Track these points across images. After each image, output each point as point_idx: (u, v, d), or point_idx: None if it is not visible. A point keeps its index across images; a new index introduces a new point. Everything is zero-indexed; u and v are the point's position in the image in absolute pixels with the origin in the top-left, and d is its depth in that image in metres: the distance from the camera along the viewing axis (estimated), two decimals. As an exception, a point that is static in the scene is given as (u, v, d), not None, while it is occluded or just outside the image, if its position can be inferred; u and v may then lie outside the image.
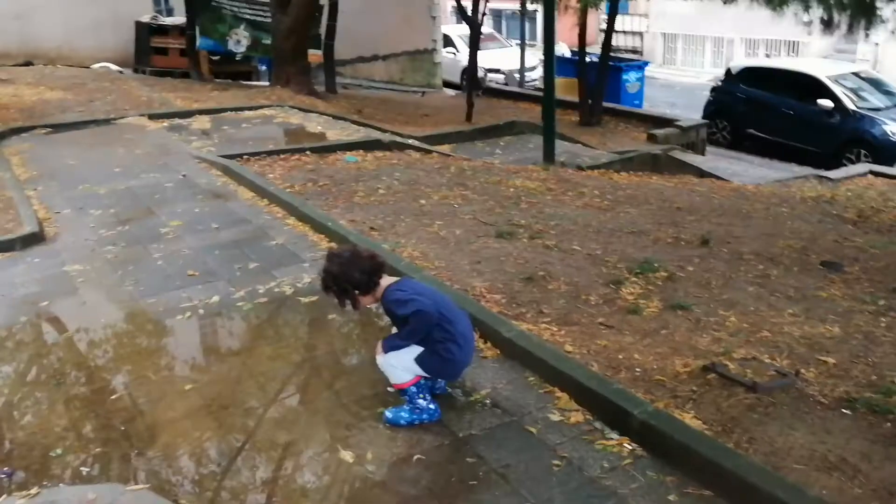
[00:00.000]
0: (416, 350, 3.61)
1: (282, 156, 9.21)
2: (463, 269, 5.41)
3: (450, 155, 10.39)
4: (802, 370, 3.93)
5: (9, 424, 3.81)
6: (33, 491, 3.22)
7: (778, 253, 6.02)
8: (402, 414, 3.70)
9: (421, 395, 3.68)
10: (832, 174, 11.68)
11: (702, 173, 11.38)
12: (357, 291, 3.62)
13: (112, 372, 4.30)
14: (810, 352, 4.18)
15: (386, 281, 3.66)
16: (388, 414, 3.72)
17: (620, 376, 3.92)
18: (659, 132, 14.30)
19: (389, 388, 3.87)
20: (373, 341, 4.36)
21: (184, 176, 8.32)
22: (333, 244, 6.06)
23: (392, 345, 3.65)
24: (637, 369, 3.99)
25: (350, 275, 3.59)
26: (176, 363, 4.40)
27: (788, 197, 9.53)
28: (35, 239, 6.38)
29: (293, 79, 15.51)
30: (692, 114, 16.85)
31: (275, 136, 10.79)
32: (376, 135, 10.67)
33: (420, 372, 3.65)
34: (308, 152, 9.39)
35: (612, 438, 3.49)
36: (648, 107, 18.29)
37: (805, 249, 6.25)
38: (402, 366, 3.65)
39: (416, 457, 3.47)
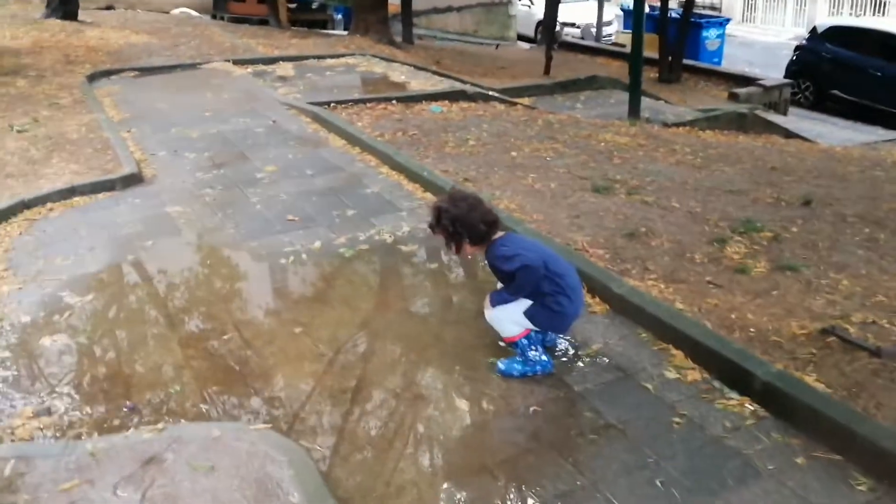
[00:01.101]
0: (525, 303, 3.56)
1: (368, 104, 9.16)
2: (562, 223, 5.32)
3: (534, 108, 10.22)
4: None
5: (127, 361, 3.87)
6: (160, 426, 3.27)
7: (882, 217, 5.79)
8: (515, 365, 3.66)
9: (532, 348, 3.64)
10: (925, 138, 11.21)
11: (788, 134, 11.03)
12: (468, 239, 3.55)
13: (221, 313, 4.33)
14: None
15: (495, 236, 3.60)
16: (501, 365, 3.69)
17: (734, 336, 3.82)
18: (741, 91, 13.90)
19: (501, 343, 3.83)
20: (477, 291, 4.35)
21: (274, 122, 8.33)
22: (429, 194, 6.02)
23: (500, 299, 3.60)
24: (751, 329, 3.88)
25: (471, 221, 3.52)
26: (283, 306, 4.41)
27: (880, 160, 9.15)
28: (135, 180, 6.46)
29: (372, 28, 15.42)
30: (772, 73, 16.31)
31: (359, 85, 10.75)
32: (460, 86, 10.54)
33: (529, 325, 3.60)
34: (394, 101, 9.32)
35: (732, 398, 3.41)
36: (727, 65, 17.74)
37: (912, 214, 6.00)
38: (511, 319, 3.61)
39: (532, 408, 3.44)
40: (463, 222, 3.52)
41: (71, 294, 4.55)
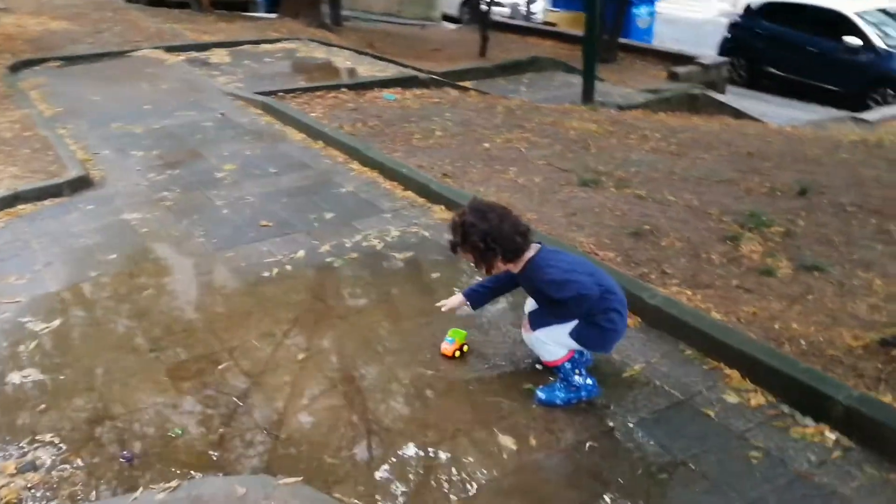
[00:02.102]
0: (571, 323, 3.14)
1: (318, 93, 8.59)
2: (559, 222, 4.92)
3: (488, 93, 9.78)
4: None
5: (113, 400, 3.30)
6: (173, 483, 2.76)
7: (880, 205, 5.57)
8: (558, 393, 3.24)
9: (577, 371, 3.22)
10: (868, 116, 11.20)
11: (738, 114, 10.86)
12: (502, 256, 3.09)
13: (209, 337, 3.78)
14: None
15: (529, 251, 3.15)
16: (542, 394, 3.26)
17: (784, 349, 3.48)
18: (681, 70, 13.72)
19: (538, 366, 3.41)
20: (495, 306, 3.92)
21: (222, 114, 7.69)
22: (410, 193, 5.54)
23: (542, 322, 3.17)
24: (801, 341, 3.55)
25: (504, 234, 3.04)
26: (278, 327, 3.87)
27: (837, 141, 9.05)
28: (83, 183, 5.78)
29: (302, 11, 14.72)
30: (700, 51, 16.20)
31: (302, 72, 10.12)
32: (410, 72, 10.02)
33: (575, 346, 3.18)
34: (344, 89, 8.77)
35: (807, 425, 3.06)
36: (656, 43, 17.59)
37: (904, 200, 5.80)
38: (555, 341, 3.18)
39: (588, 444, 3.02)
40: (495, 237, 3.04)
41: (34, 319, 3.94)
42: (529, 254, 3.12)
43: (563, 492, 2.80)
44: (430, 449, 2.99)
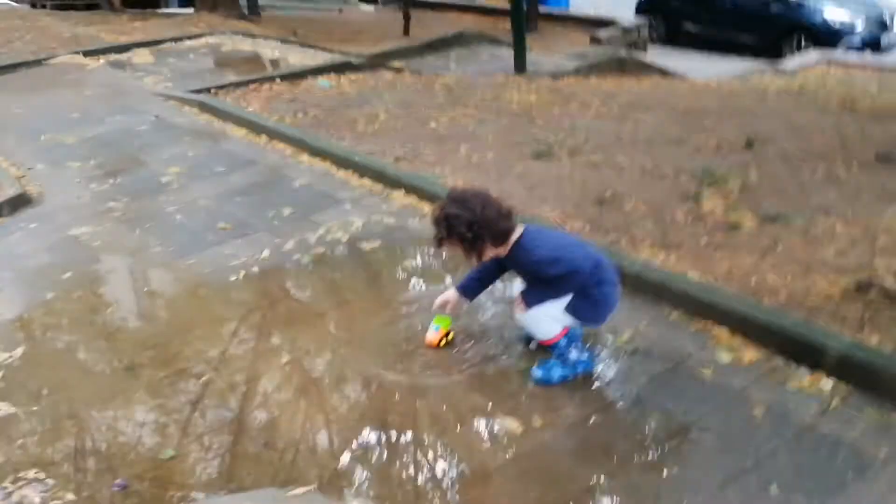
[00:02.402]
0: (565, 298, 3.09)
1: (251, 86, 8.35)
2: (521, 197, 4.86)
3: (421, 72, 9.65)
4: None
5: (94, 426, 3.13)
6: (177, 511, 2.63)
7: (822, 151, 5.68)
8: (555, 370, 3.20)
9: (574, 347, 3.19)
10: (787, 65, 11.45)
11: (664, 73, 10.99)
12: (491, 241, 3.03)
13: (184, 349, 3.61)
14: (949, 257, 3.85)
15: (515, 233, 3.09)
16: (538, 372, 3.21)
17: (765, 301, 3.51)
18: (602, 34, 13.79)
19: (532, 347, 3.37)
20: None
21: (156, 117, 7.40)
22: (367, 181, 5.42)
23: (538, 298, 3.11)
24: (780, 293, 3.58)
25: (489, 219, 2.98)
26: (255, 333, 3.73)
27: (762, 91, 9.21)
28: (22, 201, 5.49)
29: (220, 3, 14.28)
30: (618, 13, 16.28)
31: (231, 66, 9.84)
32: (341, 58, 9.81)
33: (570, 321, 3.14)
34: (278, 80, 8.54)
35: (803, 376, 3.09)
36: (573, 10, 17.64)
37: (844, 145, 5.92)
38: (551, 317, 3.13)
39: (592, 418, 2.99)
40: (481, 224, 2.97)
41: (-5, 350, 3.72)
42: (515, 235, 3.07)
43: (577, 469, 2.76)
44: (437, 440, 2.92)
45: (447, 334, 3.49)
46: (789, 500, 2.54)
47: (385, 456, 2.87)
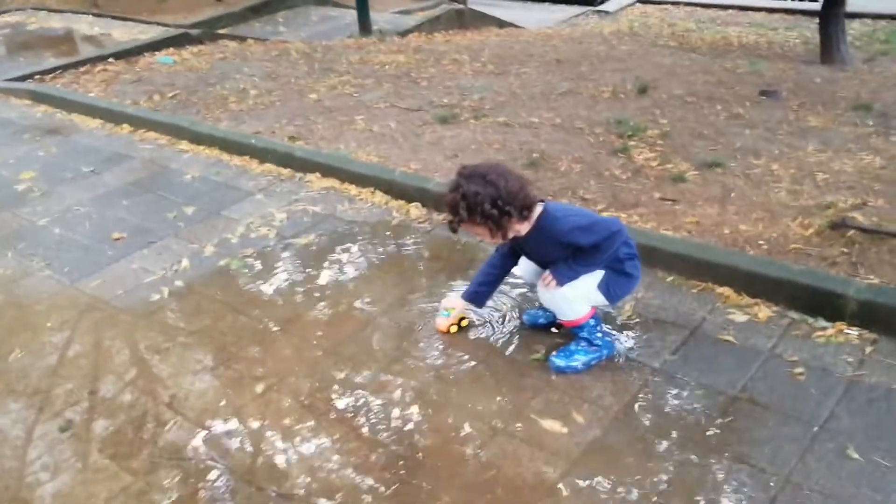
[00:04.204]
0: (598, 274, 2.77)
1: (82, 68, 7.32)
2: (444, 168, 4.47)
3: (266, 40, 8.86)
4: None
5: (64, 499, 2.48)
6: None
7: (710, 91, 5.67)
8: (577, 356, 2.88)
9: (599, 329, 2.88)
10: (608, 7, 11.62)
11: (501, 23, 10.79)
12: (517, 216, 2.62)
13: (133, 393, 2.95)
14: (890, 187, 3.87)
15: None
16: (559, 362, 2.87)
17: (750, 252, 3.35)
18: (425, -12, 13.36)
19: (554, 330, 3.03)
20: (442, 275, 3.45)
21: (-19, 113, 6.26)
22: (271, 165, 4.80)
23: (571, 274, 2.75)
24: (760, 242, 3.44)
25: (514, 192, 2.58)
26: (212, 358, 3.12)
27: (600, 35, 9.26)
28: None
29: (7, -23, 12.48)
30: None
31: (49, 47, 8.63)
32: (174, 31, 8.81)
33: (601, 300, 2.83)
34: (112, 59, 7.53)
35: (825, 327, 2.94)
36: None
37: (722, 83, 5.95)
38: (584, 297, 2.80)
39: (635, 405, 2.70)
40: (506, 198, 2.57)
41: None
42: (538, 208, 2.70)
43: (645, 463, 2.45)
44: (479, 456, 2.52)
45: (459, 321, 3.08)
46: (872, 463, 2.37)
47: (417, 483, 2.43)
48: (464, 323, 3.10)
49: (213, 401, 2.85)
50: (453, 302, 3.07)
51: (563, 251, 2.73)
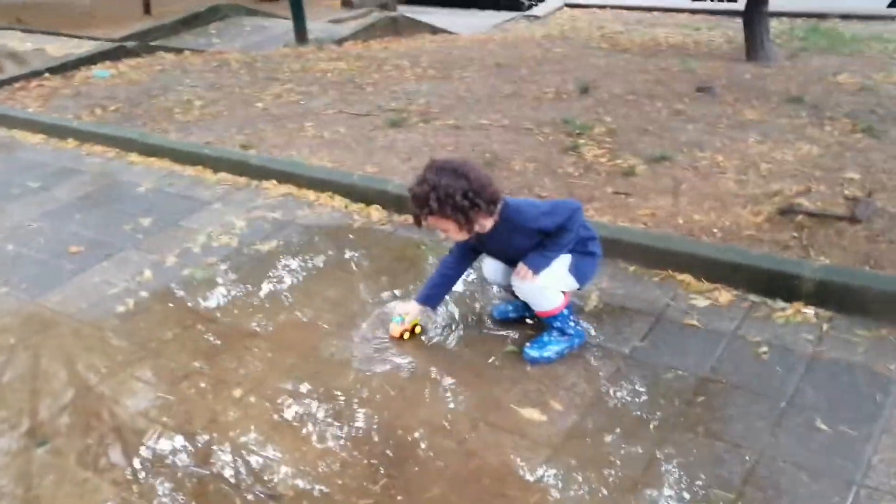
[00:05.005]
0: (566, 258, 2.83)
1: (17, 84, 7.11)
2: (401, 170, 4.48)
3: (203, 51, 8.72)
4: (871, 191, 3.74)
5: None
6: None
7: (649, 89, 5.80)
8: (551, 346, 2.92)
9: (571, 318, 2.93)
10: (537, 12, 11.76)
11: (434, 30, 10.84)
12: (485, 209, 2.65)
13: (110, 407, 2.87)
14: (829, 173, 4.03)
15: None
16: (533, 352, 2.91)
17: (706, 240, 3.46)
18: (354, -4, 13.36)
19: (529, 321, 3.06)
20: (406, 273, 3.47)
21: (-85, 132, 6.00)
22: (227, 174, 4.74)
23: (543, 262, 2.78)
24: (715, 230, 3.55)
25: (483, 184, 2.62)
26: (185, 368, 3.06)
27: (532, 40, 9.37)
28: None
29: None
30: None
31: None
32: (109, 44, 8.59)
33: (573, 283, 2.88)
34: (47, 74, 7.33)
35: (784, 308, 3.05)
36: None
37: (659, 82, 6.10)
38: (556, 284, 2.84)
39: (610, 390, 2.76)
40: (477, 190, 2.60)
41: None
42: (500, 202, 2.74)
43: (623, 446, 2.51)
44: (463, 448, 2.54)
45: (413, 327, 3.08)
46: (839, 433, 2.48)
47: (408, 480, 2.44)
48: (417, 330, 3.08)
49: (192, 409, 2.80)
50: (407, 307, 3.07)
51: (530, 240, 2.78)
